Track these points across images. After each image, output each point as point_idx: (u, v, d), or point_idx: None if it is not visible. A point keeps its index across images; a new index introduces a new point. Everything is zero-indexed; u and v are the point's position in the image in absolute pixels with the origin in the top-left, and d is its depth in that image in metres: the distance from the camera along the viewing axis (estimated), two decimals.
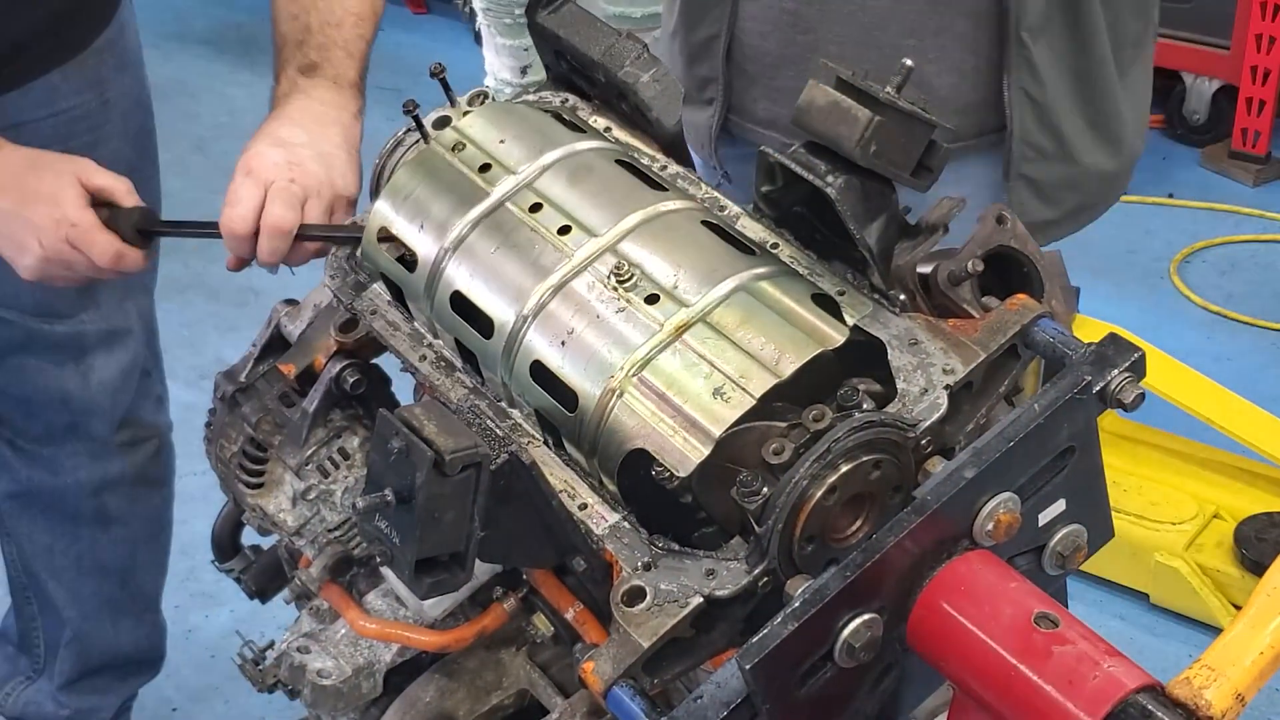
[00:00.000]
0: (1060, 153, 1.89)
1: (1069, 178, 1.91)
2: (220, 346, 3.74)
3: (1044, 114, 1.85)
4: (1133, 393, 1.16)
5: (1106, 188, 1.99)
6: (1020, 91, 1.82)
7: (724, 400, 1.16)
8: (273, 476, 1.50)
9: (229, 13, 5.94)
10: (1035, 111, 1.84)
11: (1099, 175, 1.94)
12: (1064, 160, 1.90)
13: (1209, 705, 1.03)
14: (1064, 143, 1.88)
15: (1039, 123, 1.86)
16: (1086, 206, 1.97)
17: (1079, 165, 1.90)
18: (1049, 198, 1.91)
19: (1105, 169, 1.95)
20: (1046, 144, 1.87)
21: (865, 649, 1.06)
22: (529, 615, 1.38)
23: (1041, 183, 1.90)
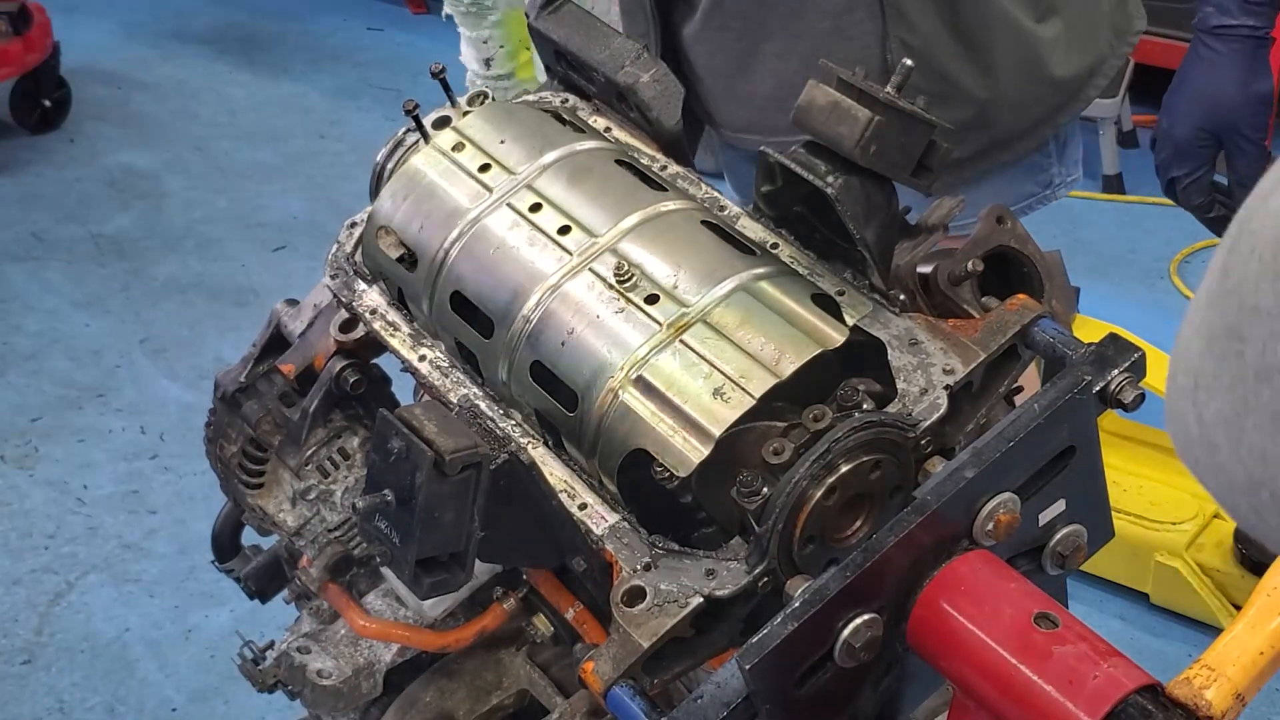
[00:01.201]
0: (952, 94, 1.87)
1: (968, 118, 1.88)
2: (220, 346, 3.75)
3: (924, 61, 1.83)
4: (1133, 393, 1.16)
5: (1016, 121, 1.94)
6: (898, 41, 1.83)
7: (724, 400, 1.16)
8: (272, 476, 1.50)
9: (229, 13, 5.95)
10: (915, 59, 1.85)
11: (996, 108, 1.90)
12: (956, 102, 1.87)
13: (1209, 705, 1.03)
14: (954, 85, 1.86)
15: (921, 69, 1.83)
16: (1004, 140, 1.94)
17: (974, 104, 1.88)
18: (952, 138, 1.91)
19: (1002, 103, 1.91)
20: (934, 88, 1.84)
21: (865, 649, 1.06)
22: (529, 615, 1.38)
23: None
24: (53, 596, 3.09)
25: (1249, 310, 0.61)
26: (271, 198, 4.57)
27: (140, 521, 3.28)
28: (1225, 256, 0.64)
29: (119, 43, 5.60)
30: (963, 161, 1.91)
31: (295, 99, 5.29)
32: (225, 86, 5.31)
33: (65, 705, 2.83)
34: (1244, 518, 0.66)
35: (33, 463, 3.47)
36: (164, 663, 2.91)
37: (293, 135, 4.99)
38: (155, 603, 3.06)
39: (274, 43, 5.75)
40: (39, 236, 4.35)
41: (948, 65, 1.87)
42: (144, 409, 3.60)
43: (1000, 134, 1.94)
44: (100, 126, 4.96)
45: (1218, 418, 0.63)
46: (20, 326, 3.95)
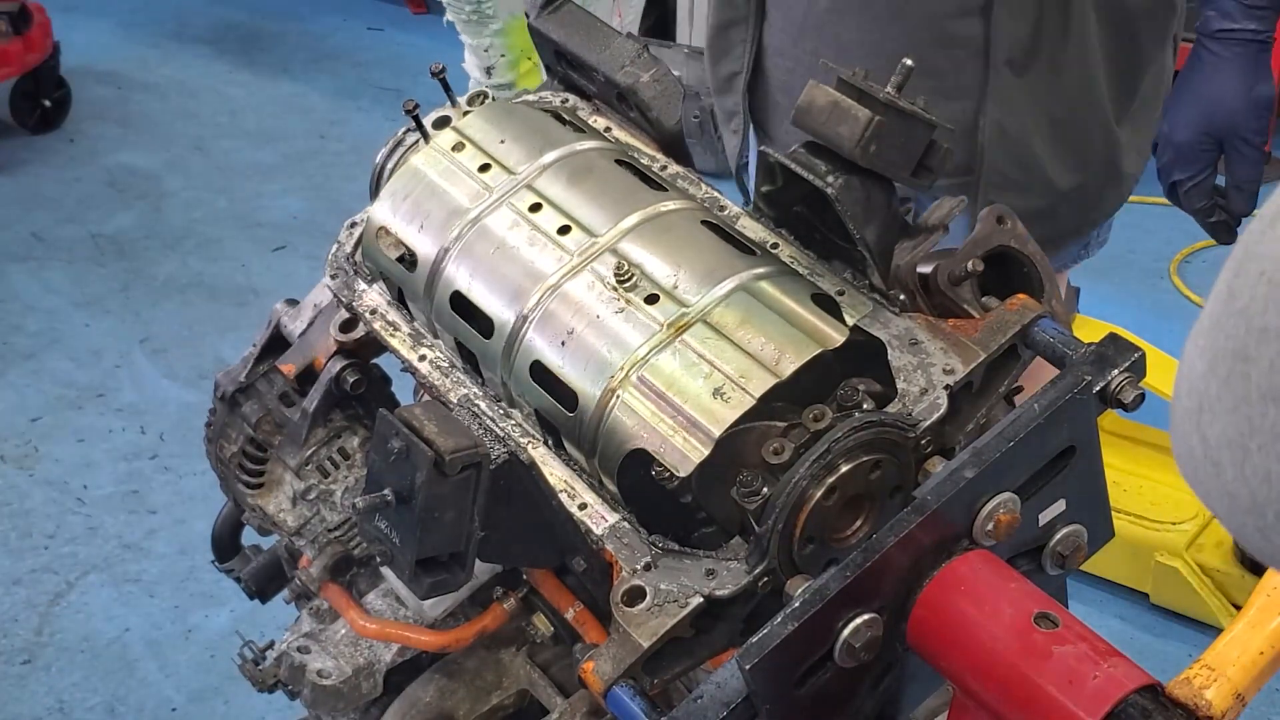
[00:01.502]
0: (1033, 184, 1.89)
1: (1041, 208, 1.90)
2: (220, 346, 3.74)
3: (1016, 147, 1.86)
4: (1133, 393, 1.16)
5: (1083, 215, 1.99)
6: (994, 123, 1.84)
7: (724, 400, 1.16)
8: (273, 476, 1.50)
9: (229, 12, 5.94)
10: (1005, 144, 1.86)
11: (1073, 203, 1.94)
12: (1037, 192, 1.90)
13: (1209, 705, 1.03)
14: (1037, 175, 1.88)
15: (1011, 156, 1.87)
16: (1063, 234, 1.97)
17: (1052, 196, 1.91)
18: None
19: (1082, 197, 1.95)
20: (1018, 175, 1.88)
21: (865, 649, 1.06)
22: (529, 615, 1.38)
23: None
24: (53, 596, 3.08)
25: (1257, 331, 0.61)
26: (271, 198, 4.57)
27: (140, 521, 3.27)
28: (1231, 279, 0.64)
29: (119, 43, 5.59)
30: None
31: (295, 99, 5.28)
32: (225, 86, 5.31)
33: (65, 705, 2.83)
34: (1249, 539, 0.66)
35: (33, 463, 3.47)
36: (164, 663, 2.90)
37: (293, 135, 4.99)
38: (155, 603, 3.06)
39: (274, 43, 5.75)
40: (39, 236, 4.35)
41: (1039, 153, 1.87)
42: (144, 409, 3.59)
43: (1064, 227, 1.97)
44: (100, 126, 4.95)
45: (1222, 439, 0.63)
46: (20, 326, 3.95)
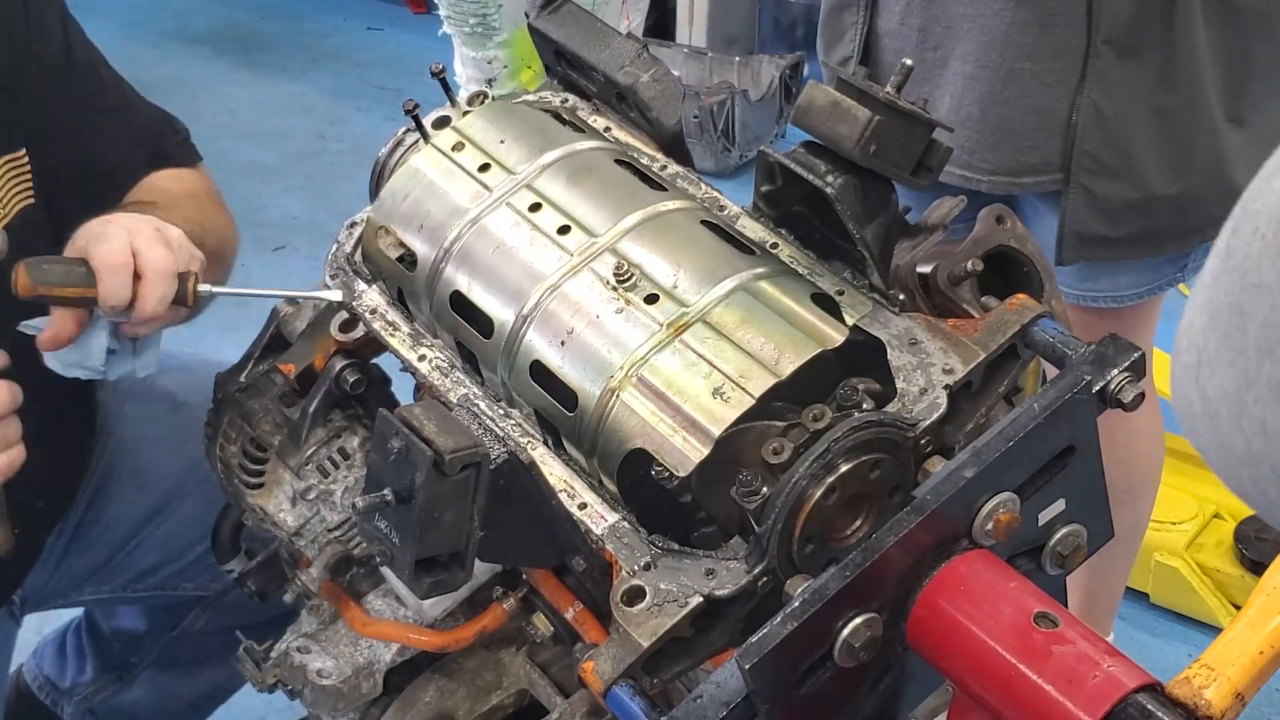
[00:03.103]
0: (1127, 173, 1.85)
1: (1135, 200, 1.87)
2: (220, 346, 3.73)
3: (1111, 131, 1.83)
4: (1132, 392, 1.16)
5: (1183, 218, 1.91)
6: (1089, 102, 1.82)
7: (723, 400, 1.16)
8: (272, 476, 1.50)
9: (229, 12, 5.94)
10: (1102, 126, 1.83)
11: (1173, 204, 1.88)
12: (1131, 182, 1.86)
13: (1209, 705, 1.03)
14: (1132, 164, 1.85)
15: (1106, 140, 1.83)
16: (1160, 234, 1.92)
17: (1147, 190, 1.86)
18: (1110, 216, 1.88)
19: (1184, 200, 1.88)
20: (1112, 162, 1.84)
21: (865, 648, 1.06)
22: (529, 615, 1.38)
23: (1102, 198, 1.87)
24: None
25: (1251, 287, 0.62)
26: (271, 198, 4.56)
27: None
28: (1229, 237, 0.65)
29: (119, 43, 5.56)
30: (1110, 240, 1.88)
31: (295, 99, 5.28)
32: (225, 86, 5.30)
33: None
34: (1245, 491, 0.67)
35: None
36: None
37: (293, 135, 4.99)
38: None
39: (274, 43, 5.74)
40: None
41: (1136, 143, 1.83)
42: None
43: (1162, 227, 1.91)
44: None
45: (1220, 392, 0.64)
46: None
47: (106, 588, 2.03)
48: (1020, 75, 1.86)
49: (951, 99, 1.90)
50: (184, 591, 2.06)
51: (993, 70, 1.87)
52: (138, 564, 2.00)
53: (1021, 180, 1.94)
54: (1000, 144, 1.91)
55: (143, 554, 1.99)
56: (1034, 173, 1.93)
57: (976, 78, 1.88)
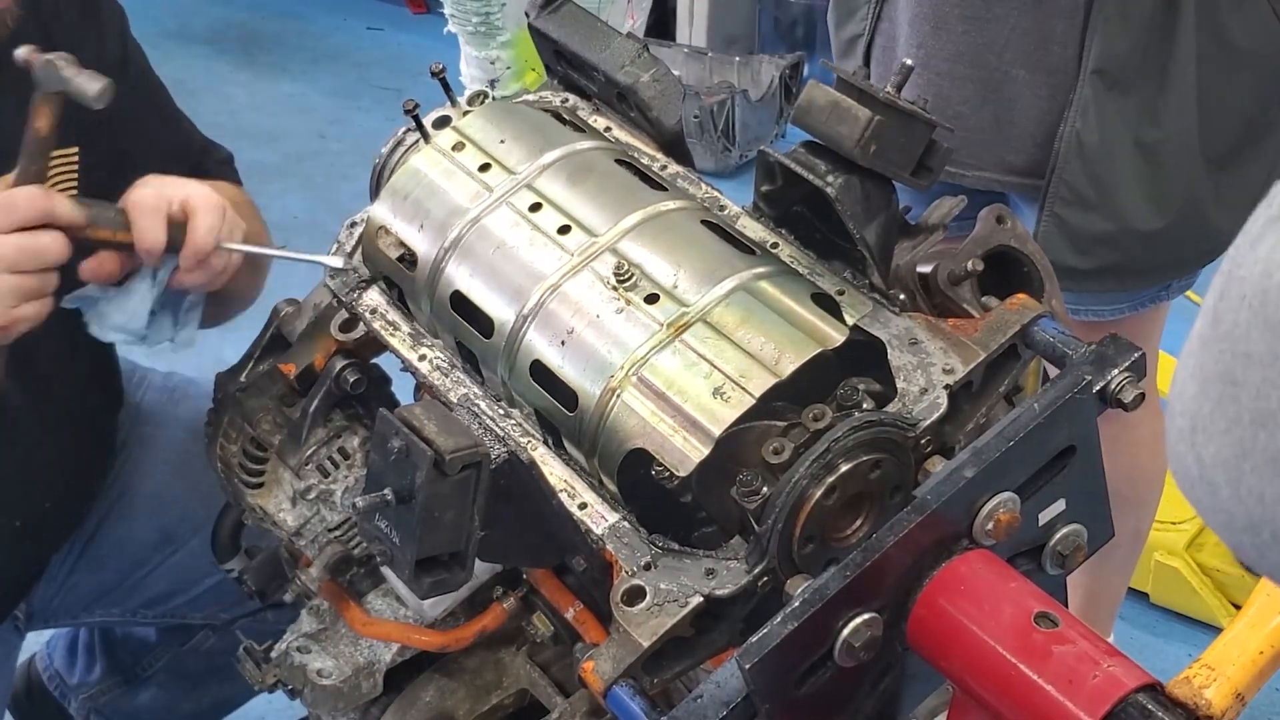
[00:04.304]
0: (1102, 205, 1.85)
1: (1108, 233, 1.87)
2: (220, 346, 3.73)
3: (1092, 164, 1.83)
4: (1133, 392, 1.16)
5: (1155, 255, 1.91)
6: (1073, 132, 1.82)
7: (724, 400, 1.16)
8: (273, 476, 1.50)
9: (229, 12, 5.94)
10: (1083, 157, 1.82)
11: (1147, 240, 1.88)
12: (1106, 215, 1.85)
13: (1209, 705, 1.03)
14: (1110, 198, 1.84)
15: (1086, 171, 1.83)
16: (1129, 269, 1.92)
17: (1123, 224, 1.86)
18: (1081, 247, 1.88)
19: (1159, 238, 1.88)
20: (1089, 192, 1.84)
21: (865, 648, 1.06)
22: (529, 615, 1.38)
23: (1075, 229, 1.86)
24: None
25: (1241, 356, 0.62)
26: (271, 198, 4.56)
27: None
28: (1216, 301, 0.65)
29: None
30: (1078, 273, 1.87)
31: (295, 99, 5.28)
32: (225, 86, 5.30)
33: None
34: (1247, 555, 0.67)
35: None
36: None
37: (293, 135, 4.99)
38: None
39: (274, 43, 5.74)
40: None
41: (1116, 176, 1.83)
42: None
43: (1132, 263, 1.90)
44: None
45: (1216, 460, 0.64)
46: None
47: (115, 611, 2.03)
48: (1015, 81, 1.87)
49: (947, 86, 1.92)
50: (192, 620, 2.06)
51: (988, 71, 1.88)
52: (146, 590, 2.00)
53: (1005, 179, 1.96)
54: (989, 142, 1.92)
55: (152, 580, 2.00)
56: (1016, 174, 1.94)
57: (969, 78, 1.90)
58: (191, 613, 2.05)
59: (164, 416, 2.03)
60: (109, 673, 2.24)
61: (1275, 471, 0.61)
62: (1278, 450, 0.60)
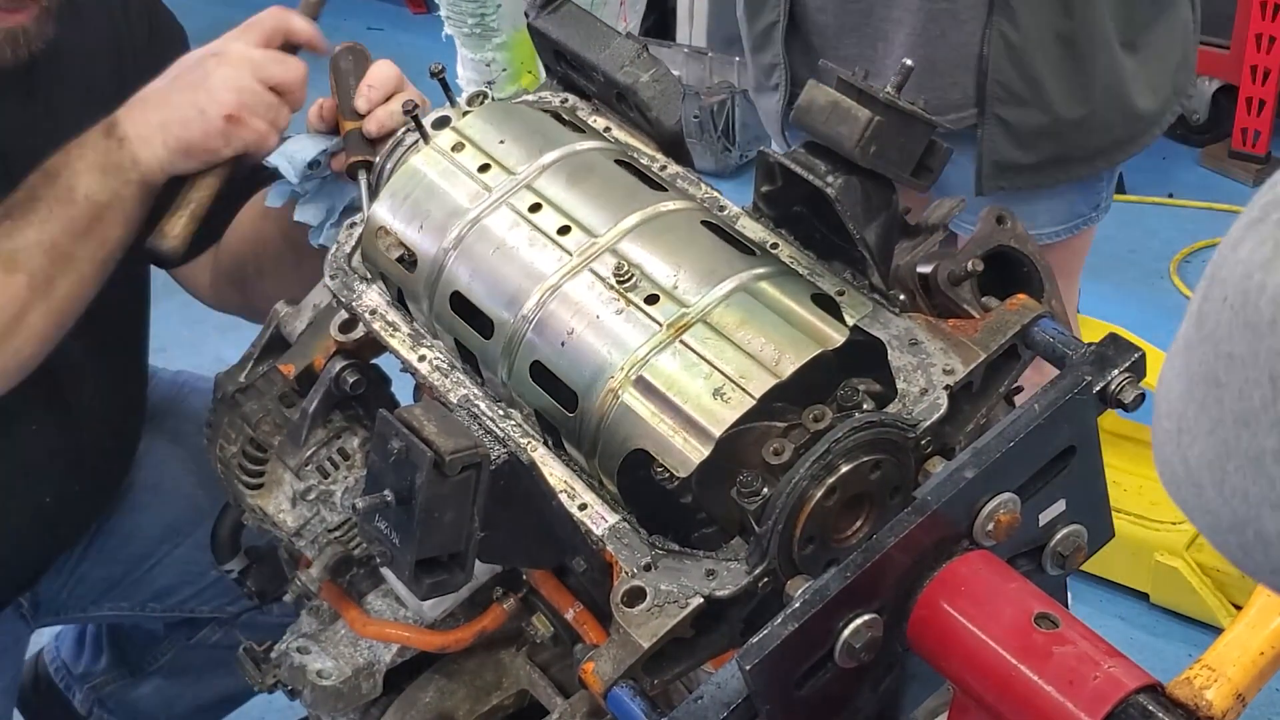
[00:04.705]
0: (1035, 100, 1.95)
1: (1044, 125, 1.96)
2: (220, 346, 3.73)
3: (1019, 60, 1.92)
4: (1133, 392, 1.16)
5: (1089, 141, 2.02)
6: (998, 34, 1.90)
7: (724, 400, 1.16)
8: (272, 477, 1.50)
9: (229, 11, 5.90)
10: (1011, 55, 1.92)
11: (1079, 127, 1.99)
12: (1040, 108, 1.95)
13: (1210, 705, 1.03)
14: (1040, 91, 1.94)
15: (1015, 67, 1.93)
16: (1069, 158, 2.01)
17: (1054, 115, 1.96)
18: (1023, 142, 1.98)
19: (1089, 123, 1.99)
20: (1021, 89, 1.94)
21: (866, 649, 1.06)
22: (528, 615, 1.38)
23: (1015, 126, 1.97)
24: None
25: (1224, 357, 0.62)
26: None
27: None
28: (1200, 303, 0.65)
29: None
30: (1025, 168, 1.99)
31: None
32: None
33: None
34: (1232, 555, 0.67)
35: None
36: None
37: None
38: None
39: None
40: None
41: (1041, 69, 1.93)
42: None
43: (1071, 151, 2.02)
44: None
45: (1201, 460, 0.65)
46: None
47: (125, 605, 2.05)
48: (937, 15, 1.94)
49: (881, 47, 1.97)
50: (200, 614, 2.08)
51: (913, 14, 1.95)
52: (154, 583, 2.02)
53: (945, 118, 2.02)
54: (924, 84, 1.98)
55: (159, 573, 2.01)
56: (955, 109, 2.02)
57: (900, 22, 1.96)
58: (199, 606, 2.07)
59: (171, 411, 2.06)
60: (115, 664, 2.26)
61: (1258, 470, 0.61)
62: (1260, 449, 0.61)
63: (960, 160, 2.03)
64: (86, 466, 1.90)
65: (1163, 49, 2.03)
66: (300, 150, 1.60)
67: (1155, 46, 2.01)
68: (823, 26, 2.03)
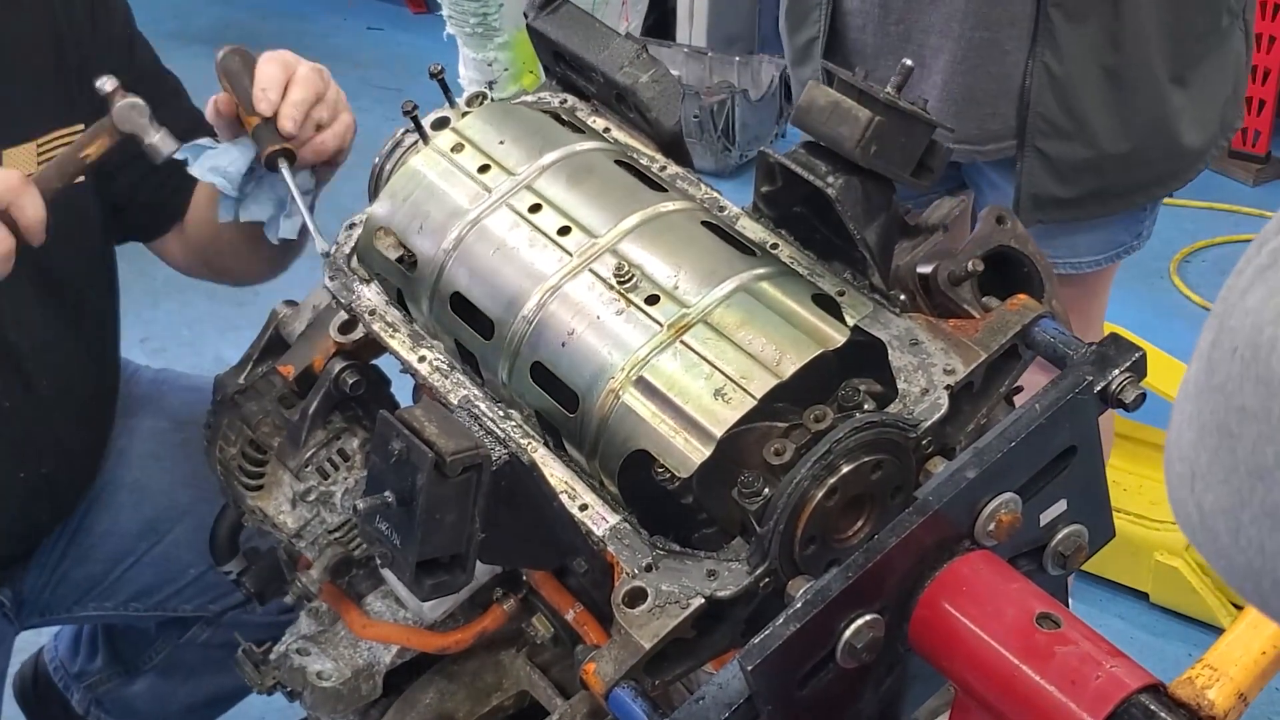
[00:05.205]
0: (1078, 134, 1.92)
1: (1086, 160, 1.94)
2: (220, 346, 3.74)
3: (1063, 92, 1.90)
4: (1134, 392, 1.16)
5: (1131, 176, 1.99)
6: (1041, 66, 1.88)
7: (725, 401, 1.16)
8: (272, 478, 1.50)
9: (229, 11, 5.94)
10: (1054, 88, 1.90)
11: (1121, 162, 1.96)
12: (1082, 142, 1.93)
13: (1212, 705, 1.03)
14: (1083, 125, 1.92)
15: (1058, 101, 1.90)
16: (1109, 193, 1.99)
17: (1097, 149, 1.93)
18: (1063, 176, 1.96)
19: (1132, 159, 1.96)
20: (1064, 123, 1.91)
21: (867, 650, 1.06)
22: (529, 616, 1.38)
23: (1055, 159, 1.95)
24: None
25: (1236, 410, 0.62)
26: None
27: None
28: (1209, 350, 0.64)
29: None
30: (1065, 202, 1.97)
31: None
32: None
33: None
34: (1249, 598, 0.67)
35: None
36: None
37: None
38: None
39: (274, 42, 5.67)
40: None
41: (1085, 103, 1.90)
42: None
43: (1112, 186, 1.99)
44: None
45: (1215, 508, 0.65)
46: None
47: (108, 604, 2.05)
48: (978, 44, 1.91)
49: (919, 72, 1.95)
50: (183, 613, 2.08)
51: (954, 41, 1.92)
52: (134, 582, 2.02)
53: (984, 148, 2.01)
54: (963, 113, 1.97)
55: (139, 571, 2.01)
56: (994, 140, 1.99)
57: (940, 49, 1.94)
58: (181, 605, 2.07)
59: (149, 408, 2.06)
60: (109, 663, 2.27)
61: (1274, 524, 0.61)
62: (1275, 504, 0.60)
63: (993, 193, 2.04)
64: (57, 449, 1.89)
65: (1213, 84, 1.99)
66: (230, 164, 1.57)
67: (1205, 81, 1.97)
68: (862, 45, 2.01)
